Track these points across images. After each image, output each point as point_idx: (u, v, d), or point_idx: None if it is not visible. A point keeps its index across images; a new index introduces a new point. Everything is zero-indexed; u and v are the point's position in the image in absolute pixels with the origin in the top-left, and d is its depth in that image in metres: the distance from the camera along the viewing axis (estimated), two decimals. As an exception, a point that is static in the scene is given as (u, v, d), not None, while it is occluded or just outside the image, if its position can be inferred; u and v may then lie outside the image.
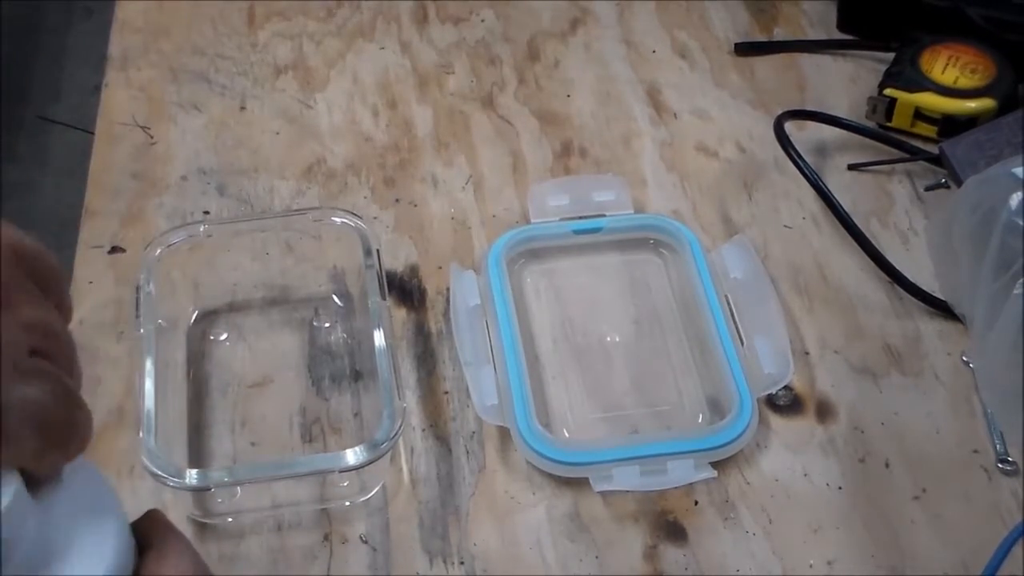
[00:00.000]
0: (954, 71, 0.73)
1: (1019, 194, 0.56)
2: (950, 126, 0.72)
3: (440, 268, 0.67)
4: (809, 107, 0.76)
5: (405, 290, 0.67)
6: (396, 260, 0.68)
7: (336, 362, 0.63)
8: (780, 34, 0.83)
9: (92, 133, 0.76)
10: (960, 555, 0.55)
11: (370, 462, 0.54)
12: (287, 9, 0.85)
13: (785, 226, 0.70)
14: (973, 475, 0.58)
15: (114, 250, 0.69)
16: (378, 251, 0.62)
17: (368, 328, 0.59)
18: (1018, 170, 0.57)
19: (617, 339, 0.64)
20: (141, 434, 0.54)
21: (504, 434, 0.59)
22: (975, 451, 0.59)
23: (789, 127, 0.69)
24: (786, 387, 0.61)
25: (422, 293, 0.67)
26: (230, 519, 0.57)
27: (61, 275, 0.43)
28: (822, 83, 0.79)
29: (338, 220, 0.63)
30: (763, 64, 0.81)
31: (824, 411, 0.61)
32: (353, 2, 0.85)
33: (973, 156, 0.68)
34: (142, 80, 0.79)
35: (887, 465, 0.59)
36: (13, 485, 0.36)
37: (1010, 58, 0.73)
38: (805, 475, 0.58)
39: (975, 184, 0.59)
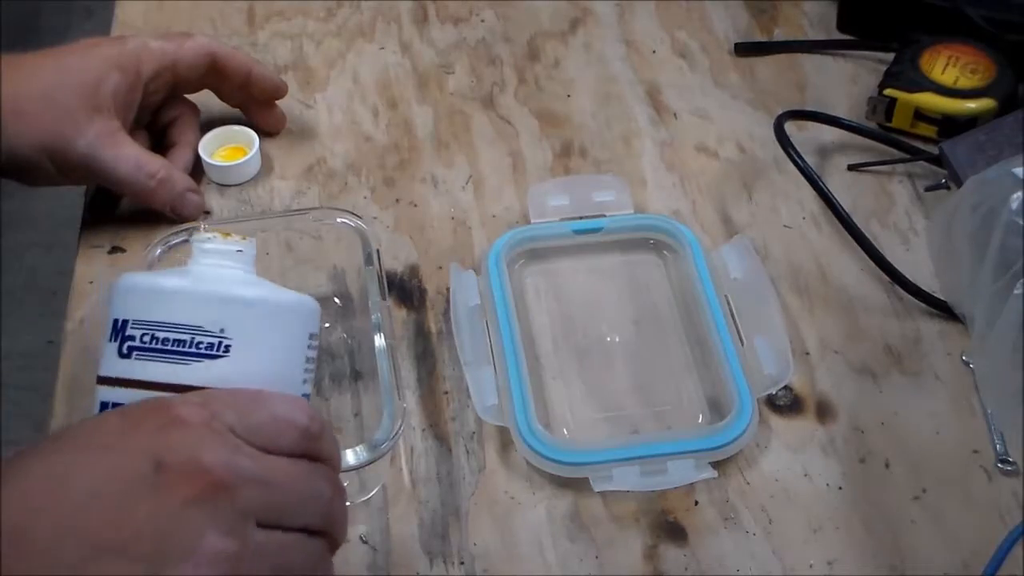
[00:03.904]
0: (954, 71, 0.73)
1: (1019, 194, 0.56)
2: (950, 126, 0.72)
3: (440, 268, 0.67)
4: (809, 107, 0.76)
5: (405, 290, 0.67)
6: (396, 260, 0.68)
7: (336, 362, 0.63)
8: (780, 34, 0.83)
9: (92, 133, 0.76)
10: (960, 555, 0.55)
11: (370, 462, 0.54)
12: (287, 9, 0.85)
13: (785, 226, 0.70)
14: (973, 475, 0.58)
15: (114, 250, 0.69)
16: (378, 251, 0.62)
17: (368, 328, 0.59)
18: (1018, 170, 0.57)
19: (617, 339, 0.64)
20: (141, 434, 0.54)
21: (504, 434, 0.59)
22: (975, 451, 0.59)
23: (789, 127, 0.69)
24: (786, 387, 0.61)
25: (422, 293, 0.66)
26: (230, 519, 0.57)
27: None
28: (822, 83, 0.79)
29: (338, 220, 0.63)
30: (763, 64, 0.81)
31: (824, 411, 0.61)
32: (353, 2, 0.85)
33: (973, 156, 0.68)
34: (142, 80, 0.79)
35: (887, 465, 0.59)
36: None
37: (1010, 58, 0.73)
38: (805, 475, 0.58)
39: (975, 184, 0.59)
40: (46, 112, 0.64)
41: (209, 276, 0.51)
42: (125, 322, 0.49)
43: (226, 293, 0.49)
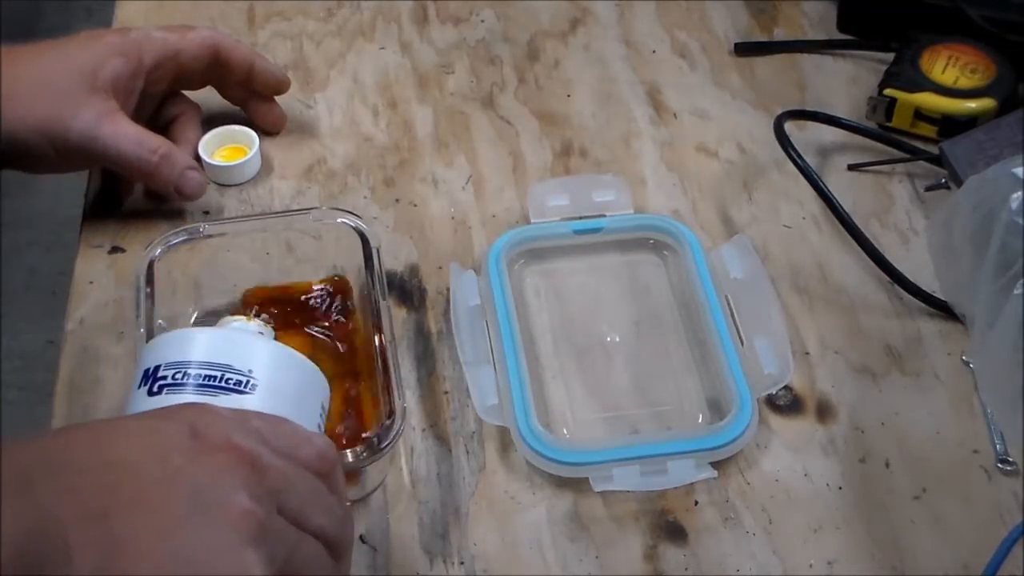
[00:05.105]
0: (954, 71, 0.73)
1: (1019, 194, 0.56)
2: (950, 126, 0.72)
3: (440, 268, 0.67)
4: (809, 107, 0.76)
5: (405, 290, 0.67)
6: (396, 260, 0.68)
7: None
8: (780, 34, 0.83)
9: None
10: (960, 555, 0.55)
11: (370, 462, 0.54)
12: (287, 9, 0.85)
13: (785, 226, 0.70)
14: (973, 475, 0.58)
15: (114, 250, 0.69)
16: (378, 251, 0.62)
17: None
18: (1018, 170, 0.57)
19: (617, 339, 0.64)
20: (141, 434, 0.54)
21: (504, 434, 0.59)
22: (975, 451, 0.59)
23: (789, 127, 0.69)
24: (786, 387, 0.61)
25: (422, 293, 0.66)
26: (230, 519, 0.57)
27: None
28: (822, 83, 0.79)
29: (338, 220, 0.63)
30: (763, 64, 0.81)
31: (824, 411, 0.61)
32: (353, 2, 0.85)
33: (973, 156, 0.68)
34: (142, 80, 0.79)
35: (887, 465, 0.59)
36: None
37: (1010, 58, 0.73)
38: (805, 475, 0.58)
39: (975, 184, 0.59)
40: (44, 96, 0.63)
41: (239, 330, 0.55)
42: (157, 367, 0.51)
43: (255, 342, 0.53)
